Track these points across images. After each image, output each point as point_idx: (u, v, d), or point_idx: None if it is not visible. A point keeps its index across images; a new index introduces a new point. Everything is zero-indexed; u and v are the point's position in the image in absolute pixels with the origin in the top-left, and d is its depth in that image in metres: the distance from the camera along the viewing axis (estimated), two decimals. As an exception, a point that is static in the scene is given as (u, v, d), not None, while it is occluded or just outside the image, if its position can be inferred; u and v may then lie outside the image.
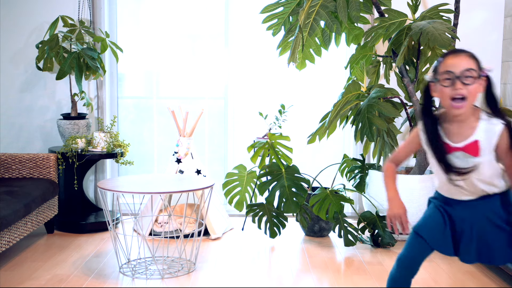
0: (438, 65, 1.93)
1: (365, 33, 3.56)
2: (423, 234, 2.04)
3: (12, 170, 3.75)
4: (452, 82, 1.88)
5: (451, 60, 1.90)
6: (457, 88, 1.87)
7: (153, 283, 2.93)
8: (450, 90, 1.88)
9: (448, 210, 2.02)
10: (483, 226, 1.97)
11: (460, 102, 1.88)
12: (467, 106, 1.90)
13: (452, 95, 1.88)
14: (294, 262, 3.29)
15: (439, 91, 1.93)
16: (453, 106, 1.89)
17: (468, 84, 1.88)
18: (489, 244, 1.97)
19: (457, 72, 1.87)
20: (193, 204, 3.85)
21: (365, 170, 3.87)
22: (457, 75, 1.87)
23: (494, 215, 1.97)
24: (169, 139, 4.41)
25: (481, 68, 1.91)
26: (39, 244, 3.57)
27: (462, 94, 1.87)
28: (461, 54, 1.90)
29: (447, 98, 1.90)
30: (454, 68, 1.88)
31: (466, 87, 1.87)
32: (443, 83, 1.90)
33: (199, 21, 4.37)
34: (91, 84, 4.23)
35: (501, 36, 4.15)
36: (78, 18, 4.12)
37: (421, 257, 2.05)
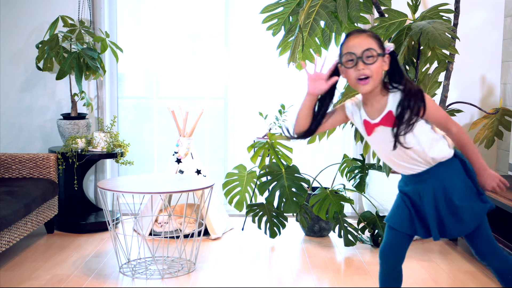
0: (341, 48, 1.98)
1: (365, 33, 3.55)
2: (392, 223, 2.12)
3: (12, 170, 3.75)
4: (355, 63, 1.93)
5: (351, 42, 1.95)
6: (359, 69, 1.93)
7: (153, 283, 2.93)
8: (353, 71, 1.94)
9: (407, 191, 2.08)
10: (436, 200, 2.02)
11: (364, 80, 1.94)
12: (373, 84, 1.95)
13: (356, 75, 1.94)
14: (294, 262, 3.29)
15: (344, 73, 1.98)
16: (359, 83, 1.94)
17: (370, 63, 1.93)
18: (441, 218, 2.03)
19: (358, 53, 1.93)
20: (193, 204, 3.85)
21: (365, 170, 3.87)
22: (358, 56, 1.93)
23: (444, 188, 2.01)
24: (169, 139, 4.41)
25: (383, 46, 1.96)
26: (39, 244, 3.57)
27: (365, 74, 1.93)
28: (360, 35, 1.95)
29: (352, 79, 1.96)
30: (354, 49, 1.93)
31: (368, 66, 1.93)
32: (347, 64, 1.95)
33: (199, 21, 4.37)
34: (91, 84, 4.23)
35: (501, 36, 4.15)
36: (78, 18, 4.12)
37: (398, 245, 2.12)
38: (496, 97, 4.19)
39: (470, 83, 4.19)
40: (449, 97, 4.02)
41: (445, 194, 2.02)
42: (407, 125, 1.93)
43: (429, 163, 2.02)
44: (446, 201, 2.01)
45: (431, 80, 3.78)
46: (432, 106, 1.97)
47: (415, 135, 1.97)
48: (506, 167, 4.04)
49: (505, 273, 2.10)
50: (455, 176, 2.03)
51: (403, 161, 2.03)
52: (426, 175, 2.04)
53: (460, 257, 3.37)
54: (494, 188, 2.04)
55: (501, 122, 3.82)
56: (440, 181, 2.02)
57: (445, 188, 2.02)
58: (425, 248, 3.54)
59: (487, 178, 2.03)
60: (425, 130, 2.00)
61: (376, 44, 1.95)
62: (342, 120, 2.13)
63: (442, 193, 2.02)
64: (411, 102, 1.93)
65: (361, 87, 1.95)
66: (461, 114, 4.10)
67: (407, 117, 1.93)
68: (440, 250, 3.51)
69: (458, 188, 2.02)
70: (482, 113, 4.09)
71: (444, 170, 2.02)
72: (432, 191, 2.03)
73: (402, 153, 2.00)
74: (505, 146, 4.06)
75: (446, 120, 2.01)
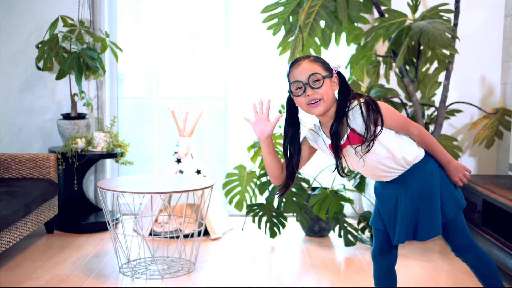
0: (288, 78, 2.00)
1: (365, 33, 3.56)
2: (376, 226, 2.16)
3: (12, 170, 3.75)
4: (303, 90, 1.94)
5: (295, 70, 1.96)
6: (308, 94, 1.93)
7: (153, 283, 2.93)
8: (303, 97, 1.95)
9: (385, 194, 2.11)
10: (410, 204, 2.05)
11: (315, 103, 1.94)
12: (325, 105, 1.95)
13: (306, 101, 1.95)
14: (294, 262, 3.29)
15: (296, 101, 1.99)
16: (311, 107, 1.95)
17: (317, 87, 1.93)
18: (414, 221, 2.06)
19: (304, 80, 1.94)
20: (193, 204, 3.85)
21: (365, 170, 3.87)
22: (305, 82, 1.93)
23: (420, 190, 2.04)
24: (169, 139, 4.41)
25: (329, 68, 1.97)
26: (39, 244, 3.57)
27: (315, 98, 1.94)
28: (303, 62, 1.96)
29: (304, 105, 1.96)
30: (300, 77, 1.94)
31: (317, 90, 1.93)
32: (296, 93, 1.96)
33: (199, 21, 4.37)
34: (91, 84, 4.23)
35: (501, 36, 4.15)
36: (78, 18, 4.12)
37: (386, 245, 2.15)
38: (496, 97, 4.19)
39: (470, 83, 4.19)
40: (449, 97, 4.02)
41: (422, 195, 2.04)
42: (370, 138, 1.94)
43: (404, 167, 2.03)
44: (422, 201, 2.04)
45: (431, 80, 3.78)
46: (388, 113, 1.96)
47: (382, 144, 1.98)
48: (506, 167, 4.04)
49: (481, 268, 2.13)
50: (430, 176, 2.04)
51: (380, 171, 2.03)
52: (403, 178, 2.05)
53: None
54: (461, 179, 2.07)
55: (501, 122, 3.82)
56: (416, 183, 2.04)
57: (420, 189, 2.04)
58: (425, 248, 3.53)
59: (453, 170, 2.06)
60: (391, 137, 2.00)
61: (320, 67, 1.95)
62: (311, 152, 2.12)
63: (419, 194, 2.04)
64: (368, 113, 1.93)
65: (313, 110, 1.95)
66: (461, 114, 4.10)
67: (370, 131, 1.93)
68: (440, 250, 3.51)
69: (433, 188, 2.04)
70: (482, 113, 4.09)
71: (420, 171, 2.04)
72: (409, 194, 2.05)
73: (377, 164, 2.00)
74: (505, 146, 4.06)
75: (406, 123, 2.02)
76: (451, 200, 2.06)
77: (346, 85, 1.99)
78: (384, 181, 2.10)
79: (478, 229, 3.25)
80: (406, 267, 3.19)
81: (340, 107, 1.96)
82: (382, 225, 2.14)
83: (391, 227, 2.11)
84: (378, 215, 2.16)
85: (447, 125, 4.17)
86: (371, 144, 1.94)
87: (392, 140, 1.99)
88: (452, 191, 2.08)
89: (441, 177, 2.06)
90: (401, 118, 2.00)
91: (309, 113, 1.98)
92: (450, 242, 2.13)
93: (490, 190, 3.17)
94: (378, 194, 2.16)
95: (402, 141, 2.02)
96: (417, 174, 2.03)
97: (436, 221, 2.03)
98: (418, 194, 2.04)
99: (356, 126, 1.95)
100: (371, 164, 2.01)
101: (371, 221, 2.19)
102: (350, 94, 1.98)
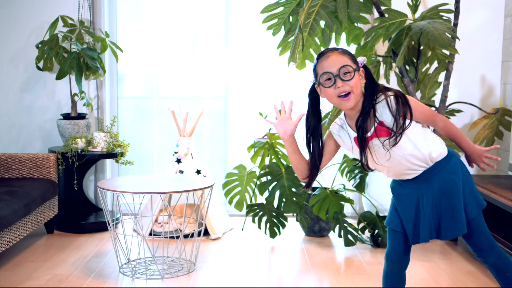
0: (315, 68, 1.99)
1: (365, 33, 3.56)
2: (393, 226, 2.12)
3: (12, 170, 3.75)
4: (333, 82, 1.93)
5: (325, 62, 1.95)
6: (339, 86, 1.93)
7: (153, 283, 2.93)
8: (333, 89, 1.94)
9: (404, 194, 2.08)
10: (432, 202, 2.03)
11: (346, 97, 1.94)
12: (355, 98, 1.95)
13: (336, 93, 1.94)
14: (294, 262, 3.29)
15: (324, 93, 1.99)
16: (341, 100, 1.94)
17: (348, 80, 1.93)
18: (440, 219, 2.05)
19: (334, 71, 1.93)
20: (193, 204, 3.85)
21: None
22: (335, 74, 1.93)
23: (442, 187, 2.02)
24: (169, 139, 4.41)
25: (356, 61, 1.97)
26: (39, 244, 3.57)
27: (345, 90, 1.93)
28: (332, 53, 1.96)
29: (333, 97, 1.96)
30: (330, 69, 1.93)
31: (347, 83, 1.93)
32: (325, 84, 1.95)
33: (199, 21, 4.37)
34: (91, 84, 4.23)
35: (501, 36, 4.15)
36: (78, 18, 4.12)
37: (403, 247, 2.12)
38: (496, 97, 4.19)
39: (470, 83, 4.19)
40: (449, 97, 4.02)
41: (444, 193, 2.02)
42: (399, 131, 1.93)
43: (427, 163, 2.02)
44: (445, 199, 2.03)
45: (431, 80, 3.78)
46: (416, 106, 1.97)
47: (409, 138, 1.97)
48: (506, 167, 4.04)
49: (503, 271, 2.10)
50: (453, 174, 2.03)
51: (403, 168, 2.02)
52: (425, 176, 2.03)
53: (460, 257, 3.36)
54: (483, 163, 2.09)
55: (501, 122, 3.82)
56: (438, 180, 2.03)
57: (443, 187, 2.03)
58: (425, 248, 3.53)
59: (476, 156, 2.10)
60: (417, 131, 2.00)
61: (350, 59, 1.95)
62: (337, 147, 2.11)
63: (441, 192, 2.03)
64: (398, 106, 1.93)
65: (345, 103, 1.95)
66: (461, 114, 4.10)
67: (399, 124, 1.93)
68: (440, 250, 3.51)
69: (455, 186, 2.03)
70: (482, 113, 4.09)
71: (442, 169, 2.03)
72: (431, 192, 2.03)
73: (401, 159, 1.99)
74: (505, 146, 4.06)
75: (433, 114, 2.03)
76: (472, 199, 2.04)
77: (372, 79, 1.99)
78: (404, 179, 2.07)
79: (478, 229, 3.25)
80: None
81: (368, 99, 1.96)
82: (399, 226, 2.10)
83: (411, 227, 2.08)
84: (395, 215, 2.12)
85: (447, 125, 4.17)
86: (399, 137, 1.93)
87: (419, 134, 1.99)
88: (473, 190, 2.06)
89: (463, 175, 2.05)
90: (428, 111, 2.01)
91: (338, 106, 1.98)
92: (472, 243, 2.10)
93: (490, 190, 3.17)
94: (396, 193, 2.12)
95: (427, 137, 2.01)
96: (440, 172, 2.02)
97: (460, 219, 2.01)
98: (440, 192, 2.03)
99: (384, 119, 1.94)
100: (396, 159, 1.99)
101: (387, 221, 2.15)
102: (377, 87, 1.98)
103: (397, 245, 2.13)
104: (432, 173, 2.03)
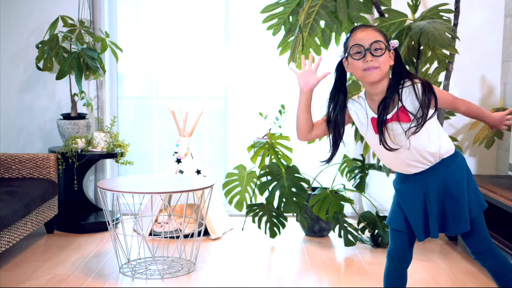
0: (347, 41, 2.01)
1: (365, 33, 3.55)
2: (395, 226, 2.12)
3: (12, 170, 3.75)
4: (363, 55, 1.95)
5: (359, 34, 1.97)
6: (368, 60, 1.94)
7: (153, 283, 2.93)
8: (361, 62, 1.95)
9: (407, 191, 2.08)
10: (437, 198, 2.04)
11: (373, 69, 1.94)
12: (380, 74, 1.95)
13: (364, 67, 1.95)
14: (294, 262, 3.29)
15: (351, 65, 2.00)
16: (366, 71, 1.94)
17: (378, 55, 1.94)
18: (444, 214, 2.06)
19: (366, 45, 1.94)
20: (193, 204, 3.85)
21: (365, 170, 3.87)
22: (367, 48, 1.94)
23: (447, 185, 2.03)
24: (169, 139, 4.41)
25: (388, 41, 1.98)
26: (39, 244, 3.57)
27: (373, 65, 1.94)
28: (367, 28, 1.98)
29: (359, 70, 1.96)
30: (363, 42, 1.95)
31: (376, 58, 1.94)
32: (354, 56, 1.97)
33: (199, 21, 4.37)
34: (91, 84, 4.23)
35: (501, 36, 4.15)
36: (78, 18, 4.12)
37: (405, 246, 2.12)
38: (496, 97, 4.19)
39: (470, 83, 4.19)
40: (449, 97, 4.01)
41: (448, 190, 2.03)
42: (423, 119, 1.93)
43: (435, 158, 2.02)
44: (449, 197, 2.03)
45: (431, 80, 3.77)
46: (440, 94, 1.99)
47: (427, 129, 1.98)
48: (506, 167, 4.04)
49: (501, 273, 2.11)
50: (458, 172, 2.04)
51: (413, 159, 2.02)
52: (431, 172, 2.03)
53: (460, 257, 3.37)
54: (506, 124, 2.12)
55: (501, 122, 3.82)
56: (443, 177, 2.03)
57: (448, 185, 2.03)
58: (425, 248, 3.53)
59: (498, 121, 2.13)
60: (434, 124, 2.01)
61: (383, 37, 1.96)
62: (347, 122, 2.11)
63: (446, 189, 2.03)
64: (425, 95, 1.93)
65: (368, 75, 1.95)
66: (461, 114, 4.10)
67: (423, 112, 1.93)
68: (440, 250, 3.51)
69: (460, 184, 2.03)
70: (482, 113, 4.09)
71: (447, 166, 2.03)
72: (436, 188, 2.04)
73: (412, 149, 1.99)
74: (505, 146, 4.06)
75: (455, 100, 2.06)
76: (475, 199, 2.05)
77: (401, 62, 2.00)
78: (408, 174, 2.07)
79: (478, 229, 3.25)
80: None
81: (394, 82, 1.97)
82: (402, 225, 2.10)
83: (419, 223, 2.06)
84: (398, 214, 2.11)
85: (447, 125, 4.17)
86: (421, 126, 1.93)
87: (434, 127, 2.01)
88: (476, 190, 2.07)
89: (467, 175, 2.06)
90: (450, 97, 2.05)
91: (361, 79, 1.98)
92: (470, 243, 2.10)
93: (490, 190, 3.17)
94: (400, 191, 2.11)
95: (440, 132, 2.03)
96: (445, 169, 2.03)
97: (464, 216, 2.02)
98: (445, 189, 2.03)
99: (407, 105, 1.95)
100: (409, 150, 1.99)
101: (389, 220, 2.15)
102: (405, 72, 1.99)
103: (399, 244, 2.12)
104: (437, 170, 2.03)
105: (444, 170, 2.03)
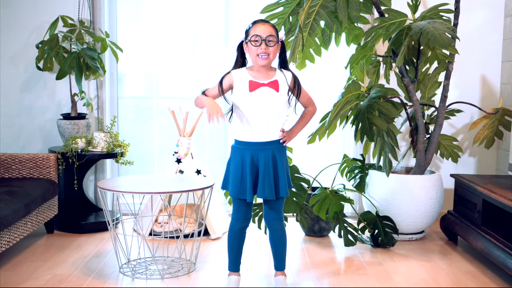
0: (249, 30, 2.61)
1: (365, 33, 3.56)
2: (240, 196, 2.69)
3: (12, 170, 3.75)
4: (259, 43, 2.58)
5: (259, 27, 2.59)
6: (263, 48, 2.58)
7: (153, 283, 2.93)
8: (257, 49, 2.59)
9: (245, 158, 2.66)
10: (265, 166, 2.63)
11: (264, 56, 2.58)
12: (269, 60, 2.61)
13: (259, 52, 2.59)
14: (294, 262, 3.29)
15: (249, 49, 2.62)
16: (260, 58, 2.59)
17: (270, 46, 2.59)
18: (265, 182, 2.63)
19: (263, 36, 2.58)
20: (193, 204, 3.85)
21: (365, 170, 3.87)
22: (263, 39, 2.57)
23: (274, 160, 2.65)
24: (169, 139, 4.41)
25: (278, 36, 2.61)
26: (39, 244, 3.57)
27: (266, 52, 2.58)
28: (265, 24, 2.61)
29: (254, 54, 2.60)
30: (261, 33, 2.58)
31: (269, 48, 2.58)
32: (253, 43, 2.59)
33: (199, 21, 4.37)
34: (91, 84, 4.23)
35: (501, 36, 4.16)
36: (78, 18, 4.12)
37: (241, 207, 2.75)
38: (496, 97, 4.19)
39: (470, 83, 4.20)
40: (449, 97, 4.02)
41: (274, 165, 2.63)
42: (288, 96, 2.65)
43: (275, 136, 2.63)
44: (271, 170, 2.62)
45: (431, 80, 3.78)
46: (304, 92, 2.71)
47: (284, 106, 2.64)
48: (506, 167, 4.05)
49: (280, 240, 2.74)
50: (283, 155, 2.68)
51: (270, 125, 2.61)
52: (268, 145, 2.63)
53: (460, 257, 3.37)
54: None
55: (501, 122, 3.82)
56: (272, 154, 2.63)
57: (274, 161, 2.63)
58: (425, 248, 3.54)
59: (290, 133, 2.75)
60: (286, 107, 2.66)
61: (275, 33, 2.60)
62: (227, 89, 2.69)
63: (271, 163, 2.62)
64: (295, 84, 2.66)
65: (260, 61, 2.59)
66: (461, 114, 4.11)
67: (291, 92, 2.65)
68: (440, 250, 3.51)
69: (282, 164, 2.65)
70: (482, 113, 4.10)
71: (277, 147, 2.65)
72: (264, 159, 2.61)
73: (274, 117, 2.61)
74: (505, 146, 4.06)
75: (310, 100, 2.76)
76: (285, 182, 2.66)
77: (284, 53, 2.68)
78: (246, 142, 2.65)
79: (478, 229, 3.25)
80: (406, 267, 3.20)
81: (280, 63, 2.69)
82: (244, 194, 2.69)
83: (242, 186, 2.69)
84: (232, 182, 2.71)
85: (447, 125, 4.17)
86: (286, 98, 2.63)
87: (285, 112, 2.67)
88: (289, 175, 2.71)
89: (286, 161, 2.70)
90: (308, 96, 2.74)
91: (254, 61, 2.61)
92: (269, 210, 2.72)
93: (490, 190, 3.17)
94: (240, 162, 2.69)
95: (284, 117, 2.67)
96: (276, 148, 2.64)
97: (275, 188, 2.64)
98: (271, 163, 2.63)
99: (279, 80, 2.62)
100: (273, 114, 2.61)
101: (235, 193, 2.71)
102: (287, 64, 2.70)
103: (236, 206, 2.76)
104: (271, 146, 2.63)
105: (274, 148, 2.65)
